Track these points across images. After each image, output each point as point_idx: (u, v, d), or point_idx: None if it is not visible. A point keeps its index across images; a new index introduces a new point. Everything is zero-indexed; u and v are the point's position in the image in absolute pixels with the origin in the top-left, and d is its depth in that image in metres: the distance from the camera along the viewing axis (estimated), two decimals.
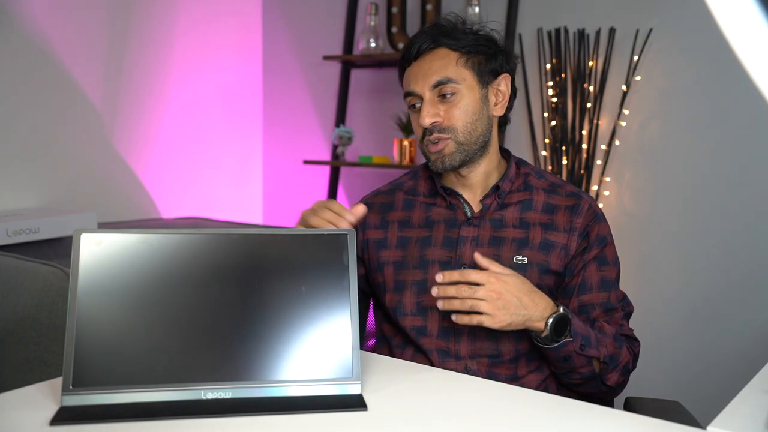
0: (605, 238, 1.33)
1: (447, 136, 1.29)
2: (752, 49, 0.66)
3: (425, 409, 0.99)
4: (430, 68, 1.29)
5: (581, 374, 1.25)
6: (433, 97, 1.29)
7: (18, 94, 2.34)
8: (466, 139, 1.30)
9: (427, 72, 1.29)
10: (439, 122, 1.29)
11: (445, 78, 1.28)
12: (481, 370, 1.27)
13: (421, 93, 1.30)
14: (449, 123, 1.29)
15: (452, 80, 1.28)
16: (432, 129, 1.29)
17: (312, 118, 3.27)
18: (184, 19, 2.94)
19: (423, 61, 1.31)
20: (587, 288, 1.30)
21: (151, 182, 2.85)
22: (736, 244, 2.30)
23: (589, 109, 2.51)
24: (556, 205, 1.33)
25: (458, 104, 1.29)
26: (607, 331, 1.26)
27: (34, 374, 1.44)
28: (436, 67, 1.29)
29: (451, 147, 1.29)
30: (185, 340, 0.99)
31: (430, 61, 1.30)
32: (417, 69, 1.31)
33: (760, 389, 0.97)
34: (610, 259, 1.32)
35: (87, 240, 0.99)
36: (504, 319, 1.14)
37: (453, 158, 1.30)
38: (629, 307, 1.35)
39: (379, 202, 1.43)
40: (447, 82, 1.28)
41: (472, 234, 1.31)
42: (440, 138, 1.29)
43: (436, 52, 1.30)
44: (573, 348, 1.20)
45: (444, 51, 1.30)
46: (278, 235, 1.05)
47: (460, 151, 1.30)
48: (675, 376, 2.41)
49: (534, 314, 1.16)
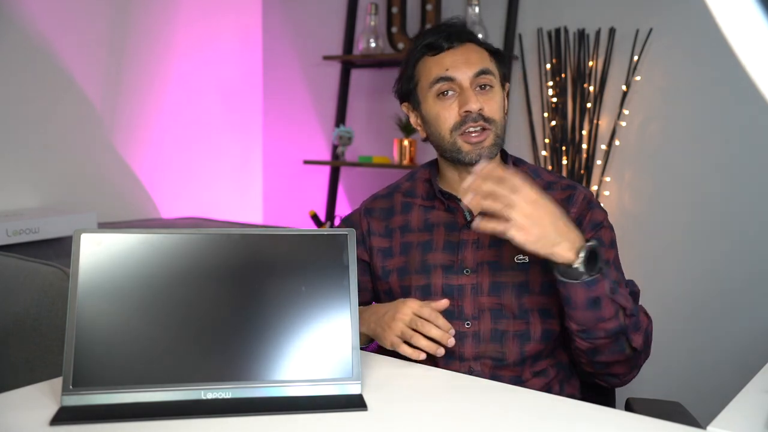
0: (600, 222, 1.30)
1: (489, 127, 1.28)
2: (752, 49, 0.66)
3: (425, 409, 0.98)
4: (470, 57, 1.29)
5: (607, 330, 1.14)
6: (471, 87, 1.28)
7: (18, 94, 2.34)
8: (501, 133, 1.30)
9: (469, 60, 1.28)
10: (482, 110, 1.27)
11: (487, 69, 1.29)
12: (485, 372, 1.26)
13: (461, 80, 1.27)
14: (491, 114, 1.28)
15: (492, 72, 1.29)
16: (476, 116, 1.27)
17: (312, 118, 3.27)
18: (184, 19, 2.94)
19: (459, 51, 1.30)
20: None
21: (151, 182, 2.85)
22: (736, 244, 2.30)
23: (589, 109, 2.51)
24: None
25: (494, 98, 1.29)
26: (623, 291, 1.17)
27: (34, 374, 1.44)
28: (476, 58, 1.29)
29: (491, 139, 1.29)
30: (185, 340, 0.99)
31: (467, 52, 1.29)
32: (455, 56, 1.29)
33: (760, 389, 0.97)
34: (606, 242, 1.29)
35: (87, 240, 0.99)
36: (534, 233, 1.05)
37: (491, 150, 1.29)
38: (635, 287, 1.30)
39: (379, 207, 1.43)
40: (488, 73, 1.28)
41: (472, 237, 1.31)
42: (483, 127, 1.27)
43: (468, 46, 1.31)
44: (603, 289, 1.10)
45: (474, 46, 1.31)
46: (278, 235, 1.05)
47: (497, 144, 1.30)
48: (675, 376, 2.41)
49: (565, 240, 1.07)
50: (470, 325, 1.27)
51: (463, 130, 1.27)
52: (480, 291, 1.28)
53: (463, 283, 1.29)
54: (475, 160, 1.27)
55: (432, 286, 1.31)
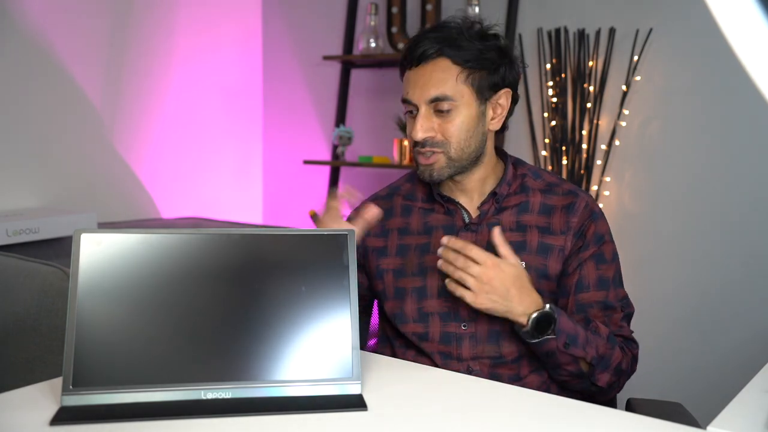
0: (603, 236, 1.31)
1: (439, 150, 1.27)
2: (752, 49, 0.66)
3: (425, 409, 0.98)
4: (429, 80, 1.26)
5: (568, 371, 1.24)
6: (428, 111, 1.27)
7: (18, 94, 2.34)
8: (457, 156, 1.28)
9: (426, 84, 1.26)
10: (432, 137, 1.27)
11: (443, 95, 1.25)
12: (484, 371, 1.27)
13: (417, 103, 1.27)
14: (443, 138, 1.27)
15: (449, 98, 1.25)
16: (423, 142, 1.28)
17: (312, 118, 3.27)
18: (184, 19, 2.94)
19: (424, 70, 1.27)
20: (584, 286, 1.29)
21: (151, 182, 2.85)
22: (736, 244, 2.30)
23: (589, 109, 2.51)
24: (552, 206, 1.32)
25: (453, 121, 1.27)
26: (602, 332, 1.25)
27: (34, 374, 1.44)
28: (435, 81, 1.26)
29: (441, 162, 1.28)
30: (185, 340, 0.99)
31: (431, 72, 1.26)
32: (416, 77, 1.28)
33: (760, 389, 0.97)
34: (608, 257, 1.31)
35: (87, 240, 0.99)
36: (484, 302, 1.16)
37: (441, 173, 1.29)
38: (629, 308, 1.33)
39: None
40: (444, 99, 1.25)
41: (470, 240, 1.30)
42: (432, 151, 1.28)
43: (438, 63, 1.26)
44: (555, 345, 1.20)
45: (446, 63, 1.26)
46: (278, 235, 1.05)
47: (449, 166, 1.29)
48: (675, 376, 2.41)
49: (517, 308, 1.17)
50: (467, 327, 1.28)
51: (416, 150, 1.30)
52: None
53: None
54: (426, 179, 1.32)
55: (428, 287, 1.31)
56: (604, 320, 1.29)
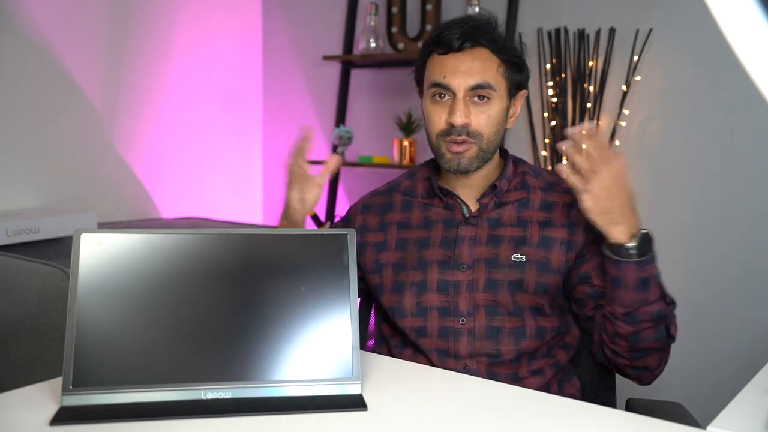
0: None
1: (472, 141, 1.27)
2: (752, 49, 0.66)
3: (425, 409, 0.99)
4: (471, 67, 1.26)
5: (651, 313, 1.18)
6: (466, 98, 1.27)
7: (18, 94, 2.34)
8: (487, 147, 1.29)
9: (469, 70, 1.26)
10: (468, 124, 1.27)
11: (486, 82, 1.26)
12: (481, 369, 1.26)
13: (456, 89, 1.26)
14: (477, 128, 1.27)
15: (492, 87, 1.26)
16: (459, 130, 1.26)
17: (312, 118, 3.27)
18: (184, 19, 2.94)
19: (464, 56, 1.26)
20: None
21: (151, 182, 2.85)
22: (736, 244, 2.30)
23: (589, 109, 2.51)
24: (553, 202, 1.33)
25: (489, 111, 1.27)
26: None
27: (34, 374, 1.44)
28: (478, 68, 1.26)
29: (472, 152, 1.28)
30: (185, 340, 0.99)
31: (472, 60, 1.26)
32: (457, 62, 1.26)
33: (760, 389, 0.97)
34: None
35: (87, 240, 0.99)
36: (602, 206, 1.13)
37: (471, 163, 1.29)
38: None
39: (377, 203, 1.43)
40: (486, 87, 1.26)
41: (469, 233, 1.31)
42: (466, 141, 1.27)
43: (478, 52, 1.27)
44: (653, 271, 1.16)
45: (486, 53, 1.27)
46: (278, 235, 1.05)
47: (479, 157, 1.29)
48: (675, 376, 2.40)
49: (625, 224, 1.15)
50: (465, 322, 1.28)
51: (446, 138, 1.28)
52: (475, 287, 1.28)
53: (459, 279, 1.29)
54: (453, 170, 1.30)
55: (427, 281, 1.31)
56: None
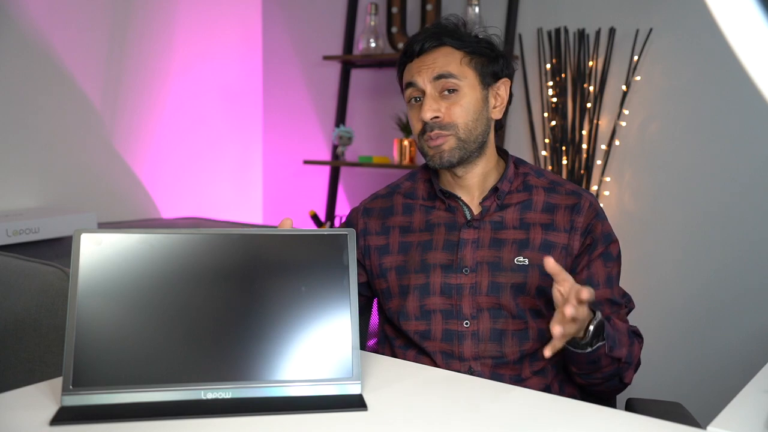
0: (610, 235, 1.33)
1: (448, 133, 1.29)
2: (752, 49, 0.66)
3: (425, 409, 0.98)
4: (434, 63, 1.29)
5: (603, 374, 1.22)
6: (434, 92, 1.29)
7: (17, 94, 2.34)
8: (466, 137, 1.29)
9: (431, 66, 1.29)
10: (440, 118, 1.28)
11: (448, 72, 1.28)
12: (485, 371, 1.27)
13: (422, 86, 1.29)
14: (450, 120, 1.28)
15: (455, 76, 1.28)
16: (432, 125, 1.28)
17: (312, 118, 3.27)
18: (184, 19, 2.94)
19: (427, 56, 1.31)
20: (595, 284, 1.29)
21: (151, 182, 2.85)
22: (736, 244, 2.30)
23: (589, 109, 2.51)
24: (555, 204, 1.33)
25: (460, 102, 1.29)
26: (620, 327, 1.23)
27: (34, 374, 1.44)
28: (440, 63, 1.29)
29: (451, 143, 1.29)
30: (185, 340, 0.99)
31: (435, 57, 1.30)
32: (420, 63, 1.31)
33: (760, 389, 0.97)
34: (614, 255, 1.32)
35: (87, 240, 0.99)
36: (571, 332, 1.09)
37: (452, 154, 1.29)
38: (631, 304, 1.34)
39: (379, 207, 1.43)
40: (449, 77, 1.28)
41: (472, 236, 1.31)
42: (440, 134, 1.29)
43: (440, 50, 1.31)
44: (603, 351, 1.17)
45: (448, 49, 1.31)
46: (278, 235, 1.05)
47: (459, 147, 1.29)
48: (675, 376, 2.41)
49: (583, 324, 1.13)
50: (469, 325, 1.28)
51: (424, 137, 1.31)
52: (478, 290, 1.28)
53: (462, 283, 1.29)
54: (437, 165, 1.31)
55: (431, 285, 1.31)
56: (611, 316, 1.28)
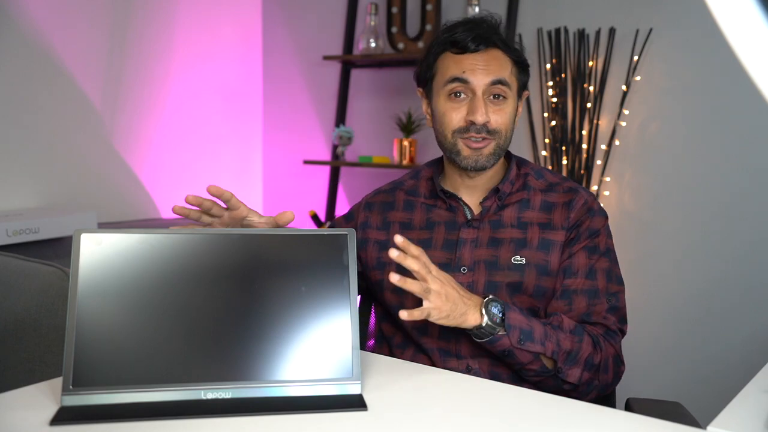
0: (598, 231, 1.30)
1: (491, 138, 1.28)
2: (752, 49, 0.66)
3: (425, 409, 0.98)
4: (489, 65, 1.28)
5: (533, 370, 1.20)
6: (484, 96, 1.28)
7: (18, 94, 2.34)
8: (504, 145, 1.31)
9: (488, 67, 1.27)
10: (489, 123, 1.28)
11: (504, 79, 1.28)
12: (483, 369, 1.27)
13: (476, 86, 1.27)
14: (496, 126, 1.28)
15: (507, 84, 1.28)
16: (479, 128, 1.27)
17: (312, 118, 3.27)
18: (184, 19, 2.94)
19: (480, 56, 1.28)
20: (572, 273, 1.27)
21: (151, 182, 2.85)
22: (736, 244, 2.30)
23: (589, 109, 2.51)
24: (553, 203, 1.33)
25: (506, 109, 1.29)
26: (566, 325, 1.21)
27: (34, 374, 1.44)
28: (495, 67, 1.28)
29: (491, 148, 1.29)
30: (185, 340, 0.99)
31: (489, 59, 1.28)
32: (476, 60, 1.28)
33: (760, 389, 0.97)
34: (601, 249, 1.30)
35: (87, 240, 0.99)
36: (445, 309, 1.09)
37: (489, 160, 1.30)
38: (619, 303, 1.29)
39: (380, 202, 1.43)
40: (504, 84, 1.28)
41: (471, 236, 1.31)
42: (486, 138, 1.28)
43: (492, 52, 1.29)
44: (509, 342, 1.16)
45: (498, 53, 1.29)
46: (278, 235, 1.05)
47: (496, 154, 1.30)
48: (675, 376, 2.41)
49: (470, 306, 1.13)
50: None
51: (465, 136, 1.29)
52: (475, 289, 1.28)
53: (460, 282, 1.29)
54: (471, 167, 1.30)
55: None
56: (588, 309, 1.26)
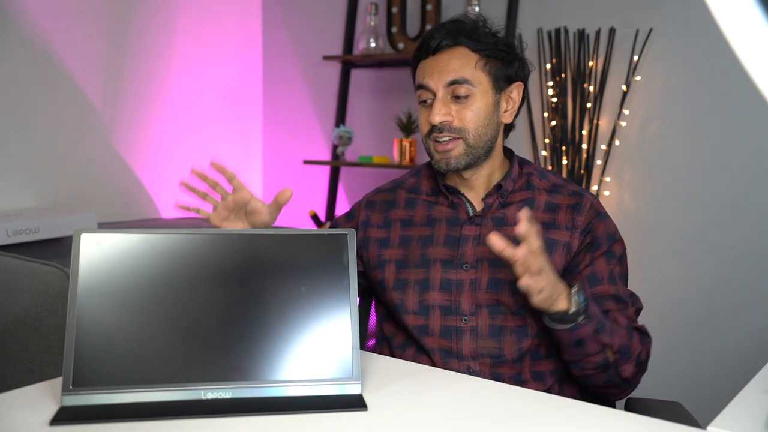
0: (614, 235, 1.32)
1: (457, 137, 1.28)
2: (752, 49, 0.66)
3: (425, 409, 0.98)
4: (447, 65, 1.28)
5: (594, 363, 1.21)
6: (446, 96, 1.28)
7: (18, 94, 2.34)
8: (475, 143, 1.29)
9: (444, 69, 1.28)
10: (449, 121, 1.28)
11: (462, 78, 1.27)
12: (484, 370, 1.26)
13: (434, 89, 1.28)
14: (460, 124, 1.28)
15: (468, 81, 1.27)
16: (441, 127, 1.28)
17: (312, 118, 3.27)
18: (184, 19, 2.94)
19: (441, 57, 1.29)
20: (598, 279, 1.28)
21: (151, 182, 2.85)
22: (737, 244, 2.30)
23: (589, 109, 2.51)
24: (558, 204, 1.33)
25: (471, 107, 1.28)
26: (621, 321, 1.23)
27: (34, 374, 1.44)
28: (454, 66, 1.28)
29: (460, 149, 1.29)
30: (185, 340, 0.99)
31: (449, 59, 1.28)
32: (433, 64, 1.29)
33: (760, 389, 0.97)
34: (618, 255, 1.31)
35: (87, 240, 0.99)
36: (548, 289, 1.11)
37: (459, 161, 1.29)
38: (639, 304, 1.32)
39: (381, 200, 1.43)
40: (463, 83, 1.27)
41: (473, 233, 1.31)
42: (450, 137, 1.28)
43: (456, 51, 1.29)
44: (588, 331, 1.17)
45: (463, 50, 1.29)
46: (278, 235, 1.05)
47: (467, 153, 1.29)
48: (675, 376, 2.40)
49: (562, 290, 1.14)
50: (468, 321, 1.28)
51: (433, 138, 1.30)
52: (478, 286, 1.28)
53: (462, 278, 1.29)
54: (443, 169, 1.30)
55: (430, 280, 1.31)
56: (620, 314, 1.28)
